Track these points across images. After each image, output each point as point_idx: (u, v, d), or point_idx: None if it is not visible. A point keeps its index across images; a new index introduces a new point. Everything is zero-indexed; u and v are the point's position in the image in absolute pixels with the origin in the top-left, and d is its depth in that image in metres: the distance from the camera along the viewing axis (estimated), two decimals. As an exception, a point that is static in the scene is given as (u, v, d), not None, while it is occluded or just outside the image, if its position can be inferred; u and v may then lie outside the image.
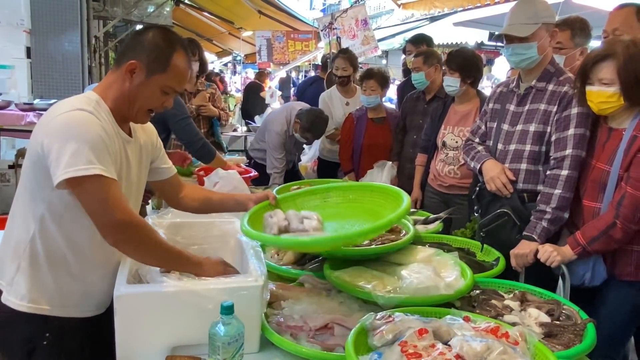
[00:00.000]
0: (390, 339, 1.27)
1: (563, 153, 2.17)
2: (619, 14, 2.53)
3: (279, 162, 4.02)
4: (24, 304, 1.52)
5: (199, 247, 1.90)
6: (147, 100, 1.59)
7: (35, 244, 1.52)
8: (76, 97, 1.54)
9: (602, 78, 2.00)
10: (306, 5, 17.07)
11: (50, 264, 1.53)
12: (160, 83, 1.57)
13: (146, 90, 1.56)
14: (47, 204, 1.50)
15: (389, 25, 10.88)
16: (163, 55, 1.55)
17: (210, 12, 11.78)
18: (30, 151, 1.50)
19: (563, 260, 2.04)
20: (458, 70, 3.09)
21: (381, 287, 1.72)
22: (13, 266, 1.53)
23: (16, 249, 1.53)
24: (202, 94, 4.00)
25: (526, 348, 1.25)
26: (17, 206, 1.57)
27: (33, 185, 1.51)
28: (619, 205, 1.94)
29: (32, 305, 1.52)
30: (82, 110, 1.45)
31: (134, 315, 1.41)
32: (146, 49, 1.54)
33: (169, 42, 1.57)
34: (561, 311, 1.68)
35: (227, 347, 1.29)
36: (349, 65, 4.19)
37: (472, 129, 2.68)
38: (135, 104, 1.58)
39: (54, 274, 1.54)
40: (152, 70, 1.55)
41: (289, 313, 1.64)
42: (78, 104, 1.47)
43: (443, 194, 3.19)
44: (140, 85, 1.55)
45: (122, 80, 1.55)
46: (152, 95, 1.58)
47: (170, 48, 1.56)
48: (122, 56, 1.58)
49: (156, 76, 1.55)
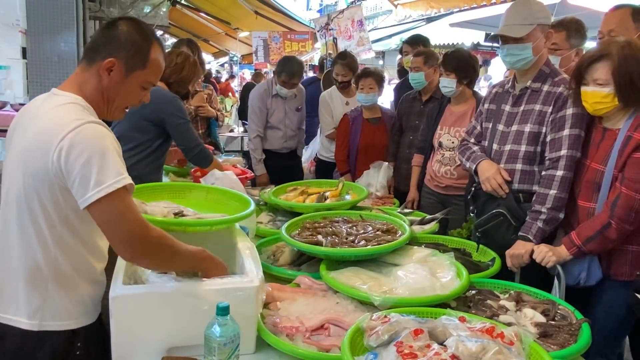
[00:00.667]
0: (386, 340, 1.28)
1: (558, 153, 2.18)
2: (614, 15, 2.54)
3: (255, 125, 4.18)
4: (55, 323, 1.46)
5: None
6: (127, 98, 1.54)
7: (59, 264, 1.45)
8: (68, 106, 1.43)
9: (597, 78, 2.01)
10: (303, 5, 17.08)
11: (79, 276, 1.49)
12: (140, 79, 1.52)
13: (125, 87, 1.51)
14: (63, 221, 1.43)
15: (386, 26, 10.89)
16: (142, 51, 1.50)
17: (206, 12, 11.77)
18: (33, 171, 1.39)
19: (558, 260, 2.05)
20: (454, 71, 3.10)
21: (377, 288, 1.72)
22: (36, 294, 1.44)
23: (34, 275, 1.44)
24: (199, 95, 4.01)
25: (521, 348, 1.26)
26: (15, 236, 1.45)
27: (44, 207, 1.41)
28: (614, 205, 1.95)
29: (64, 322, 1.47)
30: (92, 123, 1.39)
31: (130, 317, 1.41)
32: (124, 46, 1.48)
33: (145, 37, 1.51)
34: (556, 311, 1.69)
35: (222, 348, 1.29)
36: (349, 70, 4.23)
37: (468, 129, 2.69)
38: (114, 101, 1.52)
39: (83, 285, 1.51)
40: (132, 67, 1.49)
41: (284, 314, 1.64)
42: (80, 115, 1.40)
43: (440, 195, 3.20)
44: (119, 83, 1.49)
45: (97, 78, 1.48)
46: (132, 92, 1.54)
47: (148, 42, 1.51)
48: (93, 52, 1.50)
49: (136, 73, 1.50)
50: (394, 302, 1.58)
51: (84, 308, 1.52)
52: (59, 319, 1.47)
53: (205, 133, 4.11)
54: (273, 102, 4.25)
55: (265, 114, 4.24)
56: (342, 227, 2.17)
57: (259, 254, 1.74)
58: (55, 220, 1.43)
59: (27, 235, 1.44)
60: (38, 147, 1.38)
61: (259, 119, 4.23)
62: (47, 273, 1.45)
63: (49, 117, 1.41)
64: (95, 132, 1.38)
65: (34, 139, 1.40)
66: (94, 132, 1.38)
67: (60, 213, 1.42)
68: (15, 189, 1.44)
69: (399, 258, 1.96)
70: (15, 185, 1.44)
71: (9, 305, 1.47)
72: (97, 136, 1.37)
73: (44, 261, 1.44)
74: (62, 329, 1.47)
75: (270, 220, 2.70)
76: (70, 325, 1.48)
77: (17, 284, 1.46)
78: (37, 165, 1.38)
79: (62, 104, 1.44)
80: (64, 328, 1.47)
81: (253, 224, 2.28)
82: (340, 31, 6.75)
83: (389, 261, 1.97)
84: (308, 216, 2.35)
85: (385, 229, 2.14)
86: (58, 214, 1.42)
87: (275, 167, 4.25)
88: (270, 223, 2.66)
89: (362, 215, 2.37)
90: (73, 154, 1.33)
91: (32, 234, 1.43)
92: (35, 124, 1.43)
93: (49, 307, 1.46)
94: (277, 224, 2.61)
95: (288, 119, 4.33)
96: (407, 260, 1.94)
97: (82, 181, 1.33)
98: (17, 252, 1.45)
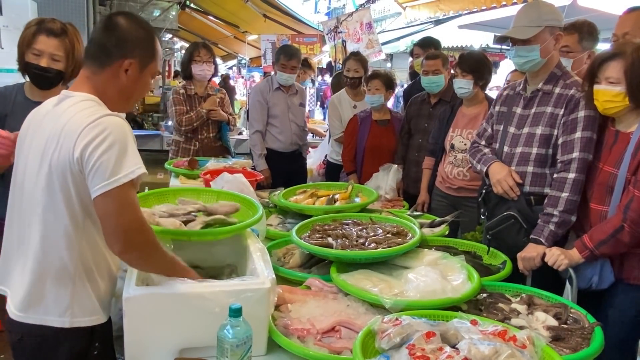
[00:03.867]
0: (397, 342, 1.27)
1: (570, 156, 2.17)
2: (629, 18, 2.53)
3: (255, 121, 4.18)
4: (84, 319, 1.50)
5: (208, 250, 1.91)
6: (143, 91, 1.64)
7: (83, 259, 1.49)
8: (84, 102, 1.47)
9: (609, 77, 2.00)
10: (311, 8, 17.11)
11: (98, 270, 1.53)
12: (152, 71, 1.60)
13: (141, 82, 1.59)
14: (85, 212, 1.46)
15: (394, 29, 10.87)
16: (150, 45, 1.57)
17: (215, 16, 11.82)
18: (56, 167, 1.42)
19: (570, 263, 2.03)
20: (471, 72, 3.09)
21: (388, 291, 1.72)
22: (65, 291, 1.47)
23: (60, 273, 1.47)
24: (212, 98, 4.02)
25: (534, 351, 1.25)
26: (37, 236, 1.47)
27: (68, 201, 1.44)
28: (627, 208, 1.94)
29: (90, 318, 1.51)
30: (110, 115, 1.44)
31: (143, 317, 1.42)
32: (135, 44, 1.53)
33: (147, 30, 1.58)
34: (568, 315, 1.68)
35: (235, 350, 1.29)
36: (361, 67, 4.21)
37: (479, 131, 2.68)
38: (133, 97, 1.61)
39: (105, 282, 1.55)
40: (145, 62, 1.56)
41: (295, 316, 1.65)
42: (97, 109, 1.44)
43: (452, 197, 3.19)
44: (135, 80, 1.56)
45: (114, 79, 1.53)
46: (146, 85, 1.63)
47: (151, 35, 1.58)
48: (104, 55, 1.51)
49: (149, 67, 1.58)
50: (405, 305, 1.58)
51: (102, 304, 1.55)
52: (87, 315, 1.51)
53: (215, 137, 4.12)
54: (273, 95, 4.24)
55: (265, 109, 4.22)
56: (352, 230, 2.17)
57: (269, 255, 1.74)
58: (78, 212, 1.46)
59: (52, 233, 1.46)
60: (60, 142, 1.41)
61: (259, 114, 4.22)
62: (72, 269, 1.47)
63: (68, 114, 1.44)
64: (115, 123, 1.42)
65: (56, 136, 1.43)
66: (114, 122, 1.42)
67: (82, 204, 1.45)
68: (38, 189, 1.46)
69: (409, 261, 1.96)
70: (39, 186, 1.46)
71: (38, 305, 1.48)
72: (117, 126, 1.42)
73: (69, 257, 1.47)
74: (87, 325, 1.50)
75: (280, 223, 2.70)
76: (93, 321, 1.51)
77: (43, 284, 1.48)
78: (61, 160, 1.41)
79: (78, 101, 1.48)
80: (91, 324, 1.51)
81: (263, 227, 2.28)
82: (349, 34, 6.76)
83: (399, 264, 1.97)
84: (318, 219, 2.35)
85: (396, 232, 2.13)
86: (80, 205, 1.45)
87: (279, 170, 4.21)
88: (280, 225, 2.67)
89: (372, 217, 2.37)
90: (94, 144, 1.37)
91: (56, 231, 1.46)
92: (54, 124, 1.45)
93: (77, 303, 1.49)
94: (286, 227, 2.62)
95: (292, 114, 4.31)
96: (418, 262, 1.94)
97: (99, 170, 1.36)
98: (42, 252, 1.47)
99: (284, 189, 3.00)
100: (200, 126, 3.97)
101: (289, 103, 4.30)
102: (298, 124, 4.37)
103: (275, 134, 4.27)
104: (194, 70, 3.97)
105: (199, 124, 3.95)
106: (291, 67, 4.18)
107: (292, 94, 4.34)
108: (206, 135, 4.04)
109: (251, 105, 4.30)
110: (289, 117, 4.29)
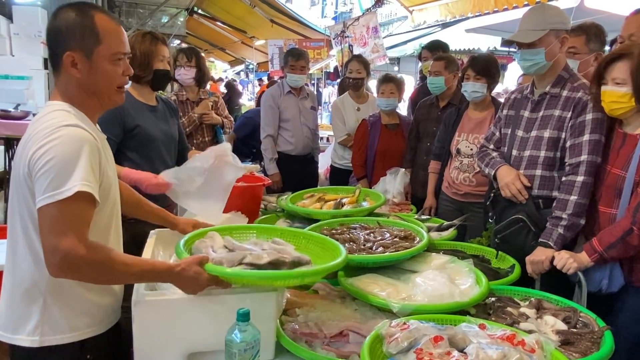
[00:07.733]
0: (405, 347, 1.27)
1: (578, 159, 2.16)
2: (635, 20, 2.52)
3: (266, 125, 4.23)
4: (55, 337, 1.43)
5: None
6: (107, 79, 1.47)
7: None
8: (51, 114, 1.41)
9: (615, 77, 1.99)
10: (318, 13, 17.17)
11: (80, 286, 1.45)
12: (105, 55, 1.45)
13: (98, 71, 1.45)
14: None
15: (401, 32, 10.89)
16: (87, 28, 1.42)
17: (223, 21, 11.90)
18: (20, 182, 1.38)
19: (579, 267, 2.02)
20: (484, 75, 3.08)
21: (395, 295, 1.72)
22: (34, 309, 1.42)
23: (30, 291, 1.42)
24: (204, 102, 4.02)
25: (543, 356, 1.25)
26: (12, 253, 1.44)
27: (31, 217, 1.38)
28: (636, 211, 1.92)
29: (66, 335, 1.45)
30: (70, 127, 1.36)
31: (152, 322, 1.43)
32: (68, 34, 1.42)
33: (82, 12, 1.44)
34: (578, 318, 1.67)
35: (243, 354, 1.30)
36: (363, 68, 4.24)
37: (487, 135, 2.68)
38: (99, 90, 1.48)
39: (87, 295, 1.48)
40: (89, 48, 1.43)
41: (303, 320, 1.65)
42: (61, 120, 1.37)
43: (458, 202, 3.17)
44: (89, 71, 1.44)
45: (69, 78, 1.45)
46: (108, 72, 1.47)
47: (87, 16, 1.43)
48: (53, 57, 1.46)
49: (97, 51, 1.43)
50: (412, 309, 1.58)
51: (90, 319, 1.50)
52: (60, 333, 1.44)
53: (212, 141, 4.12)
54: (285, 99, 4.28)
55: (277, 113, 4.26)
56: (359, 234, 2.17)
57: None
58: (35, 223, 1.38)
59: (21, 247, 1.43)
60: (22, 157, 1.38)
61: (270, 118, 4.25)
62: (43, 286, 1.42)
63: (32, 128, 1.41)
64: (68, 135, 1.34)
65: (20, 151, 1.41)
66: (68, 135, 1.34)
67: None
68: (10, 206, 1.45)
69: (417, 265, 1.96)
70: (13, 199, 1.44)
71: (11, 324, 1.45)
72: (70, 139, 1.34)
73: (39, 274, 1.40)
74: (66, 342, 1.44)
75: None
76: (73, 337, 1.45)
77: (14, 301, 1.45)
78: (21, 171, 1.37)
79: (46, 113, 1.43)
80: (67, 341, 1.44)
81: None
82: (355, 38, 6.78)
83: (407, 268, 1.97)
84: (325, 223, 2.35)
85: (403, 236, 2.13)
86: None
87: (291, 173, 4.24)
88: (288, 230, 2.67)
89: (379, 221, 2.37)
90: (38, 154, 1.32)
91: (24, 245, 1.42)
92: (26, 135, 1.42)
93: (48, 322, 1.43)
94: (294, 231, 2.62)
95: (304, 117, 4.34)
96: (426, 267, 1.93)
97: (38, 182, 1.31)
98: (14, 269, 1.45)
99: (292, 193, 3.01)
100: (194, 131, 3.98)
101: (300, 107, 4.34)
102: (310, 127, 4.40)
103: (288, 138, 4.30)
104: (175, 75, 3.98)
105: (193, 129, 3.95)
106: (300, 67, 4.22)
107: (303, 97, 4.37)
108: (201, 139, 4.04)
109: (263, 111, 4.34)
110: (301, 121, 4.32)
